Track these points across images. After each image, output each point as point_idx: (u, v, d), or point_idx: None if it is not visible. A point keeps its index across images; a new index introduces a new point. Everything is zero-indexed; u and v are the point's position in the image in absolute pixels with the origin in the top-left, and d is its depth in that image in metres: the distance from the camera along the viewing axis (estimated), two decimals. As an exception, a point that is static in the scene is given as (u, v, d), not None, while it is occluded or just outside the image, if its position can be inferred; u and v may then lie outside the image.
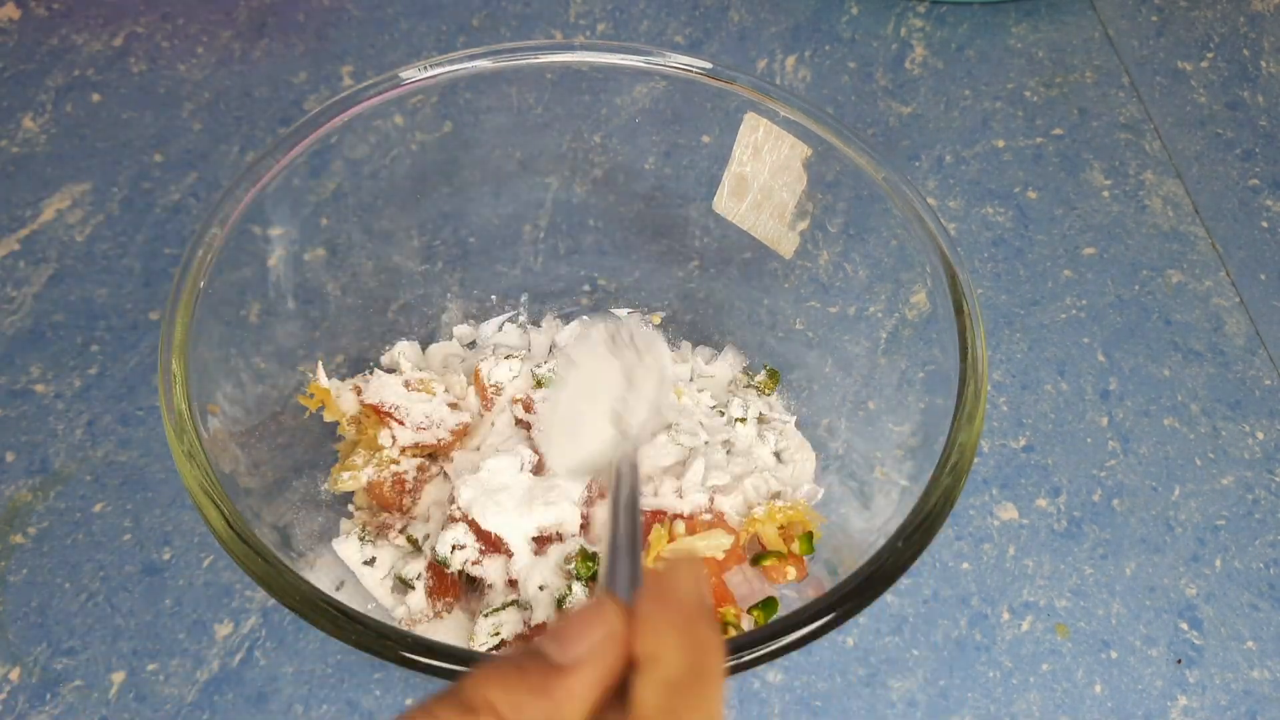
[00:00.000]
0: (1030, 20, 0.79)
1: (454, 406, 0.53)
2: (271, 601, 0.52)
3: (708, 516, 0.49)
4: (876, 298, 0.52)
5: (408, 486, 0.51)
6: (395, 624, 0.48)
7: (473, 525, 0.48)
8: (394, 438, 0.52)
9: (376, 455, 0.52)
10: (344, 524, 0.51)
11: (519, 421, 0.52)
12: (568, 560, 0.47)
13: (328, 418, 0.53)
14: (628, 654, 0.26)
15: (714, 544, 0.48)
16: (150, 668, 0.51)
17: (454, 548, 0.48)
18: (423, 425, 0.52)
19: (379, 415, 0.53)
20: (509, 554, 0.48)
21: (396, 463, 0.52)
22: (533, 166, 0.58)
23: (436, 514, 0.51)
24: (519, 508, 0.48)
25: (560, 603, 0.47)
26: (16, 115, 0.71)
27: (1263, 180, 0.71)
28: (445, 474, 0.52)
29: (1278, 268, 0.67)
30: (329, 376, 0.54)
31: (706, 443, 0.53)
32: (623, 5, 0.78)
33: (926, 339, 0.49)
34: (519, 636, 0.47)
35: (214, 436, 0.44)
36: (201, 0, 0.77)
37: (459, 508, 0.48)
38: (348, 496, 0.53)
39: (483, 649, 0.46)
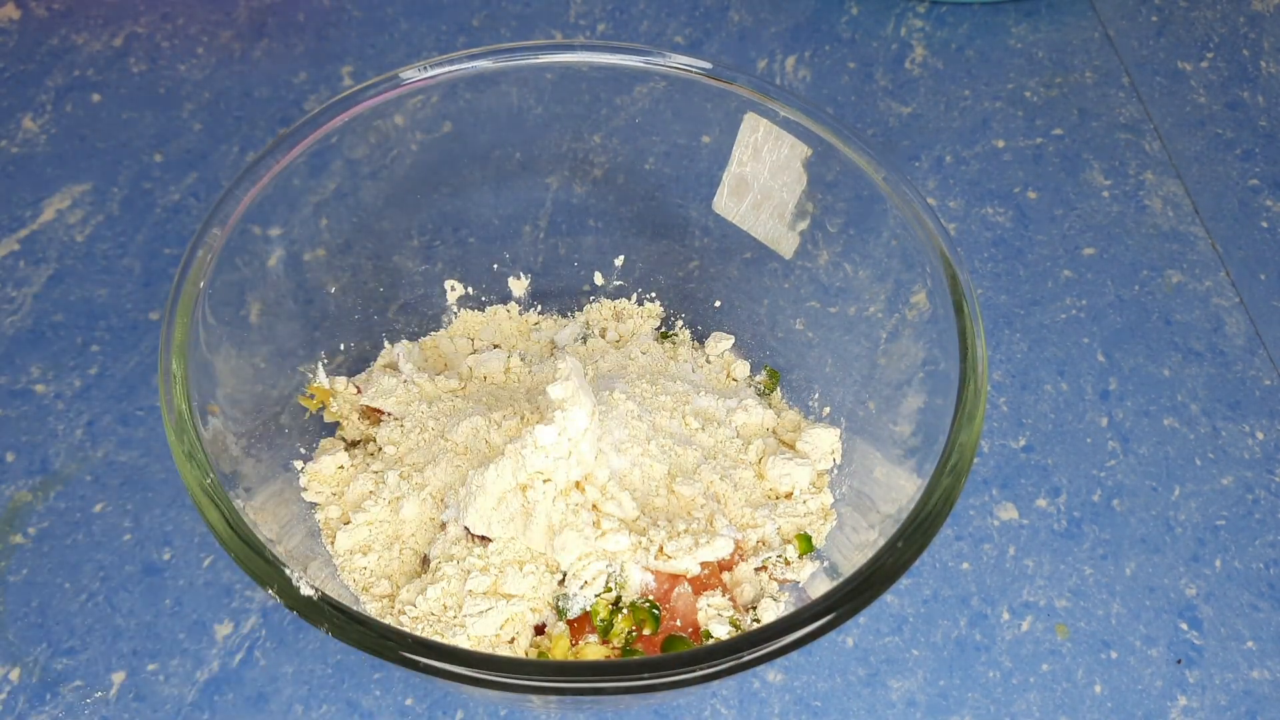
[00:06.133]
0: (1030, 20, 0.79)
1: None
2: (271, 601, 0.52)
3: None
4: (876, 298, 0.52)
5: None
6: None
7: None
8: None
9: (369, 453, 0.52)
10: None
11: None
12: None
13: (328, 418, 0.54)
14: None
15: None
16: (150, 668, 0.51)
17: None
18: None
19: (378, 417, 0.53)
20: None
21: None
22: (533, 166, 0.58)
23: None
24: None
25: (558, 601, 0.47)
26: (16, 115, 0.71)
27: (1263, 180, 0.71)
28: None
29: (1278, 268, 0.67)
30: (329, 376, 0.54)
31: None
32: (623, 5, 0.78)
33: (926, 339, 0.49)
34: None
35: (214, 436, 0.44)
36: (201, 0, 0.77)
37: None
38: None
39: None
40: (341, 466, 0.52)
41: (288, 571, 0.40)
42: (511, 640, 0.46)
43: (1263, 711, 0.52)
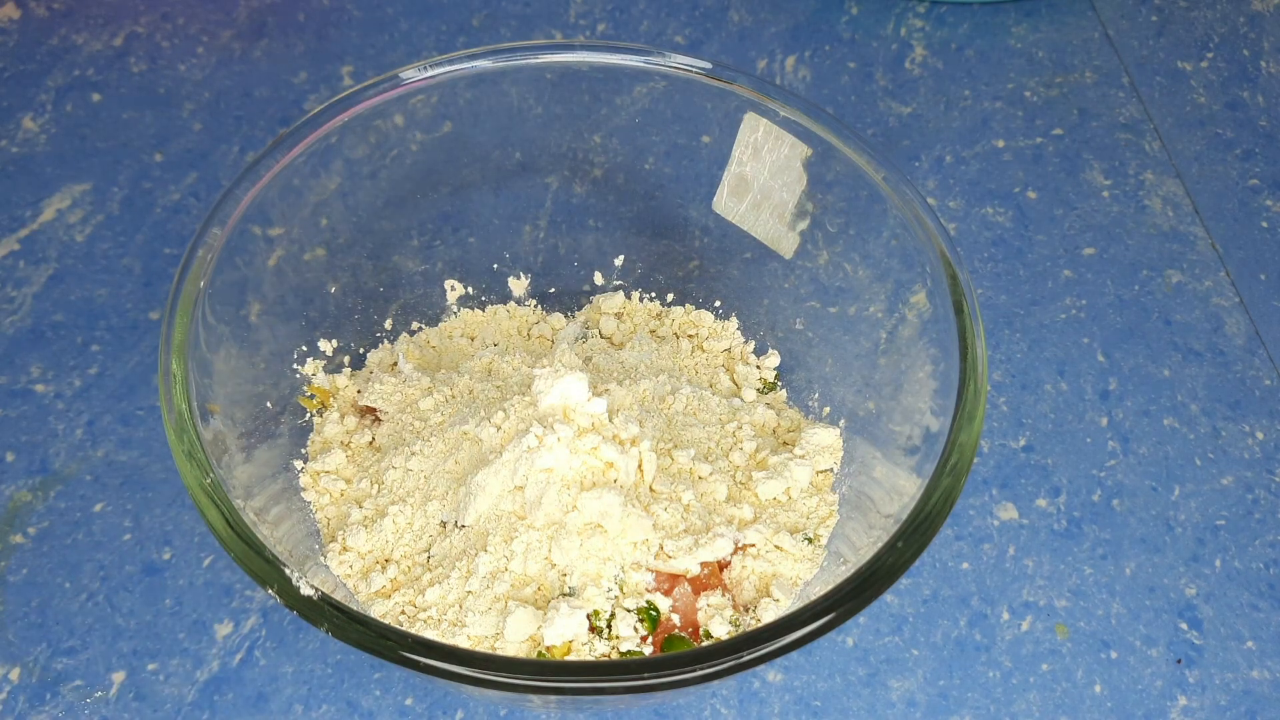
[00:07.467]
0: (1030, 20, 0.79)
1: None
2: (271, 601, 0.52)
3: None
4: (876, 298, 0.52)
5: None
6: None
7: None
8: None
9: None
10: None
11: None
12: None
13: (329, 418, 0.54)
14: None
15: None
16: (150, 668, 0.51)
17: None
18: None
19: (377, 418, 0.53)
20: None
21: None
22: (533, 166, 0.58)
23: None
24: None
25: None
26: (16, 115, 0.71)
27: (1263, 180, 0.71)
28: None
29: (1278, 268, 0.67)
30: (329, 376, 0.54)
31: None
32: (623, 5, 0.78)
33: (926, 339, 0.49)
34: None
35: (214, 436, 0.44)
36: (201, 0, 0.77)
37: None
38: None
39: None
40: (341, 466, 0.52)
41: (288, 571, 0.40)
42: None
43: (1263, 711, 0.52)
